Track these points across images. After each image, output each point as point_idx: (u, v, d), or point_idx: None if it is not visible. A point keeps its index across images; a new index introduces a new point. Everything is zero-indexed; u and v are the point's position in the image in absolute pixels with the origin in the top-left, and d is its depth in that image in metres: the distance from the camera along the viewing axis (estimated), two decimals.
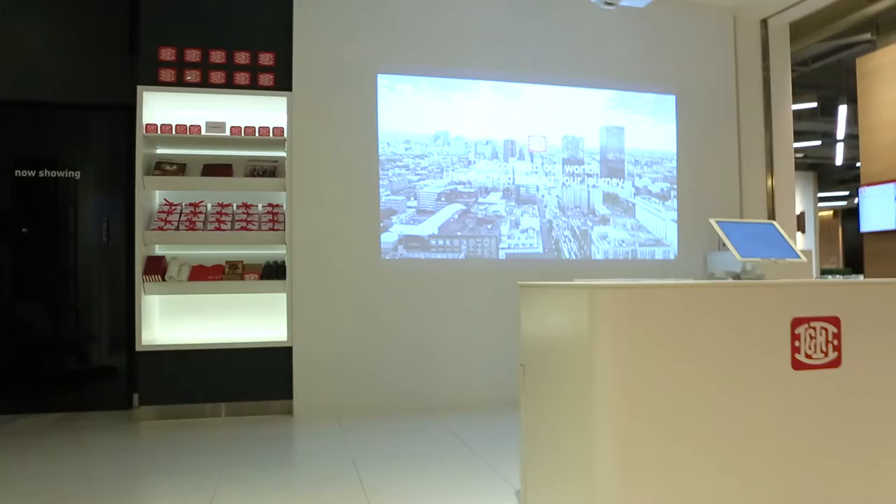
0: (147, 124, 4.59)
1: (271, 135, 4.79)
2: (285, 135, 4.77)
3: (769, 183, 5.73)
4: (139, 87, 4.56)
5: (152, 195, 4.80)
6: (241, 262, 4.86)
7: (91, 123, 4.85)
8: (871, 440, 2.43)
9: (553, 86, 5.21)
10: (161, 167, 4.74)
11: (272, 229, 4.80)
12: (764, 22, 5.77)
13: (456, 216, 5.01)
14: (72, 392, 4.76)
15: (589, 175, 5.28)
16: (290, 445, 3.95)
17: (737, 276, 2.70)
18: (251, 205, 4.93)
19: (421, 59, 4.99)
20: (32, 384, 4.71)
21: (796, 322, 2.37)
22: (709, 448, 2.24)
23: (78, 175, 4.86)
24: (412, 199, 4.95)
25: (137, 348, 4.48)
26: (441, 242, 4.98)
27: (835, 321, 2.42)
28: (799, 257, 2.73)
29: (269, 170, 4.92)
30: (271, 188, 4.84)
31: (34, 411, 4.65)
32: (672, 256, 5.41)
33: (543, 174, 5.19)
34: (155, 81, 4.61)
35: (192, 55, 4.67)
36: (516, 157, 5.15)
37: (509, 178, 5.13)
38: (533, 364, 2.58)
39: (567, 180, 5.24)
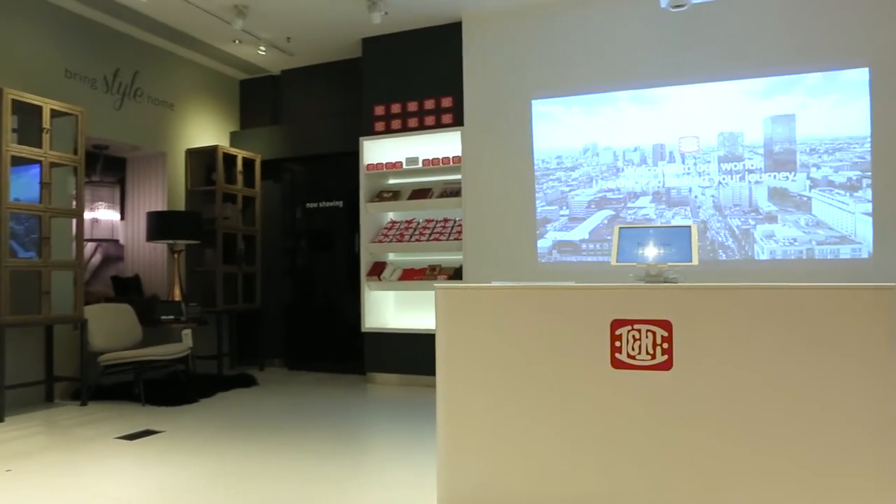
0: (367, 164, 6.41)
1: (451, 163, 6.12)
2: (461, 161, 6.05)
3: None
4: (360, 138, 6.41)
5: (382, 215, 6.61)
6: (440, 265, 6.31)
7: (342, 166, 6.90)
8: (702, 441, 2.57)
9: (703, 83, 5.27)
10: (381, 195, 6.52)
11: (456, 239, 6.12)
12: None
13: (605, 221, 5.54)
14: (338, 360, 6.90)
15: (750, 171, 5.16)
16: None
17: (648, 278, 3.01)
18: (449, 219, 6.33)
19: (570, 81, 5.67)
20: (315, 353, 7.02)
21: (616, 324, 2.71)
22: (524, 428, 2.80)
23: (340, 204, 6.99)
24: (564, 207, 5.68)
25: (363, 330, 6.33)
26: (591, 246, 5.58)
27: (665, 325, 2.66)
28: (690, 261, 2.89)
29: (456, 191, 6.24)
30: (453, 206, 6.16)
31: (314, 370, 6.93)
32: (865, 255, 4.87)
33: (696, 174, 5.30)
34: (371, 132, 6.41)
35: (396, 108, 6.32)
36: (666, 160, 5.39)
37: (659, 182, 5.40)
38: None
39: (724, 178, 5.23)
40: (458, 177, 6.20)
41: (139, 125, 6.43)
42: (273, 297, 7.30)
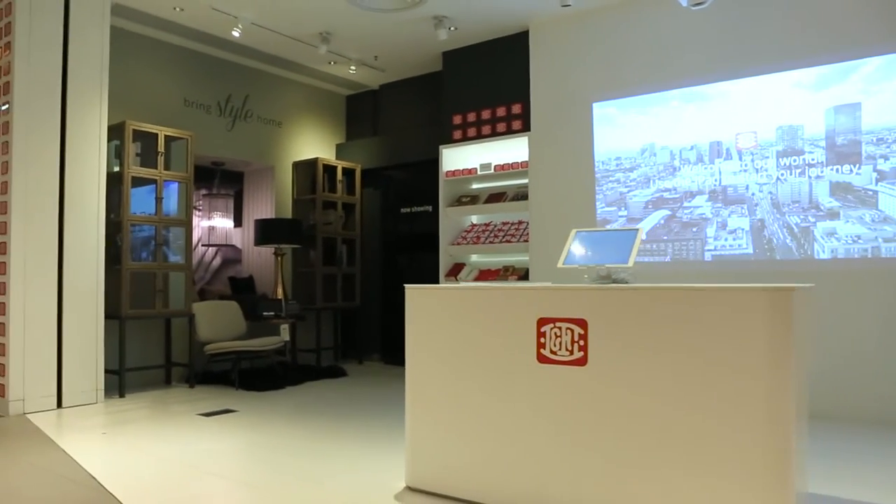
0: (446, 171, 6.97)
1: (521, 167, 6.49)
2: (528, 166, 6.40)
3: None
4: (440, 147, 6.98)
5: (464, 219, 7.13)
6: (513, 266, 6.71)
7: (430, 173, 7.49)
8: (611, 432, 2.82)
9: (759, 76, 5.19)
10: (460, 199, 7.04)
11: (526, 240, 6.48)
12: None
13: (662, 221, 5.63)
14: None
15: (811, 165, 5.01)
16: None
17: (599, 279, 3.28)
18: (523, 221, 6.71)
19: (628, 83, 5.82)
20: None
21: (542, 321, 3.03)
22: (470, 416, 3.20)
23: (430, 208, 7.61)
24: (622, 208, 5.84)
25: None
26: (648, 247, 5.69)
27: (582, 323, 2.93)
28: (625, 263, 3.11)
29: (527, 194, 6.59)
30: (520, 209, 6.52)
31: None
32: None
33: (754, 171, 5.23)
34: (450, 140, 6.95)
35: (471, 117, 6.81)
36: (723, 157, 5.36)
37: (715, 180, 5.39)
38: None
39: (783, 174, 5.12)
40: (526, 181, 6.55)
41: (249, 143, 7.51)
42: (372, 296, 8.10)
